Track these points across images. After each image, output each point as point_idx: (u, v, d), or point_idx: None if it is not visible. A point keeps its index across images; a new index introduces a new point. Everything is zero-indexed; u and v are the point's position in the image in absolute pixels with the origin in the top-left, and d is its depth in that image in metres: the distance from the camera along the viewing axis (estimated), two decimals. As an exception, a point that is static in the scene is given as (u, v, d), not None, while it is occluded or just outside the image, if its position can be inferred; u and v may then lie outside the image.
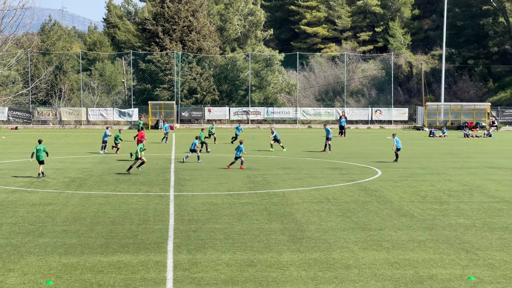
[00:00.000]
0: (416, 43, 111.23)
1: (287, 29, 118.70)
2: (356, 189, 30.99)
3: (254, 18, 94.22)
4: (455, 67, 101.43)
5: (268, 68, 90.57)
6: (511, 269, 17.38)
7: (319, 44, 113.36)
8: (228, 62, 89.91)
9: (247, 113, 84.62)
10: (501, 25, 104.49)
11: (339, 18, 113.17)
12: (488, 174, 36.54)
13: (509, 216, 24.56)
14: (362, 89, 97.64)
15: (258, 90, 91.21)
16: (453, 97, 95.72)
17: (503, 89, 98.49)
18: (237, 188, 30.96)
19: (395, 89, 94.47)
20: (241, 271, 17.07)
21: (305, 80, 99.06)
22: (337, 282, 16.19)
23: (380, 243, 20.08)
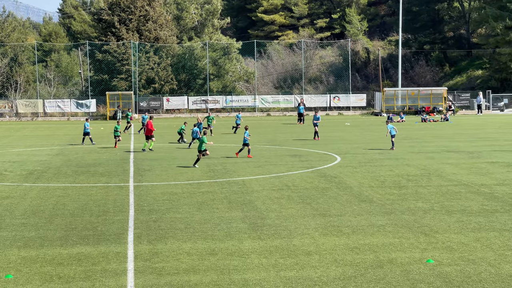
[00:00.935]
0: (372, 29, 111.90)
1: (244, 17, 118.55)
2: (315, 175, 31.11)
3: (211, 7, 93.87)
4: (411, 52, 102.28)
5: (226, 57, 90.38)
6: (469, 251, 17.61)
7: (277, 32, 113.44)
8: (186, 51, 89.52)
9: (206, 102, 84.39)
10: (456, 10, 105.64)
11: (296, 5, 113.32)
12: (445, 158, 36.95)
13: (466, 199, 24.87)
14: (320, 76, 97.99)
15: (216, 78, 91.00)
16: (410, 82, 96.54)
17: (459, 74, 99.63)
18: (197, 177, 30.89)
19: (353, 75, 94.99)
20: (202, 260, 17.04)
21: (263, 68, 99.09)
22: (298, 269, 16.25)
23: (340, 229, 20.19)
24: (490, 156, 37.44)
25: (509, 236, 19.06)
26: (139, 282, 15.30)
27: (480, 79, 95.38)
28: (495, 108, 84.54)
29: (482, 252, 17.47)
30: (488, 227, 20.20)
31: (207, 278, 15.58)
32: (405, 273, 15.78)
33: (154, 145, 43.10)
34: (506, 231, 19.71)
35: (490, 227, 20.19)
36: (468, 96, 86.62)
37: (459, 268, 16.13)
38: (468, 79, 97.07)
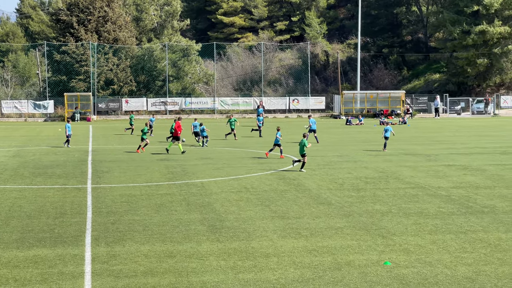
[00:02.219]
0: (332, 32, 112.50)
1: (204, 19, 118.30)
2: (274, 178, 31.16)
3: (171, 8, 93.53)
4: (370, 55, 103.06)
5: (185, 59, 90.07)
6: (425, 253, 17.78)
7: (236, 34, 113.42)
8: (145, 52, 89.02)
9: (165, 104, 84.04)
10: (414, 14, 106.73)
11: (255, 8, 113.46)
12: (403, 161, 37.27)
13: (423, 201, 25.11)
14: (280, 79, 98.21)
15: (175, 80, 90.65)
16: (369, 85, 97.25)
17: (417, 77, 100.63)
18: (156, 179, 30.74)
19: (312, 78, 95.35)
20: (160, 262, 16.95)
21: (222, 70, 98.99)
22: (256, 271, 16.25)
23: (298, 231, 20.24)
24: (447, 159, 37.85)
25: (465, 239, 19.29)
26: (97, 285, 15.16)
27: (437, 82, 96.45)
28: (452, 112, 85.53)
29: (439, 254, 17.64)
30: (444, 230, 20.41)
31: (165, 281, 15.49)
32: (363, 275, 15.87)
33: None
34: (462, 233, 19.94)
35: (446, 230, 20.40)
36: (426, 99, 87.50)
37: (416, 270, 16.26)
38: (426, 83, 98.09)
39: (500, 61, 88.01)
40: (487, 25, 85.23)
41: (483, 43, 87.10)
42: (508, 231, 20.16)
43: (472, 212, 22.98)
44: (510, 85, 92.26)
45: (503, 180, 30.11)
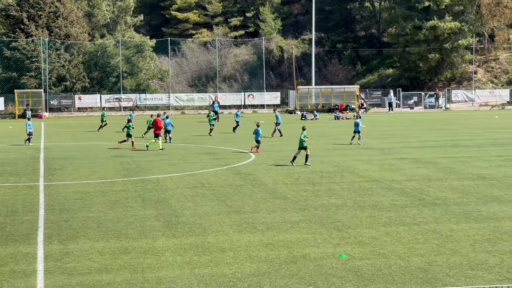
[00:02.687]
0: (286, 28, 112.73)
1: (157, 15, 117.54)
2: (230, 173, 31.15)
3: (123, 4, 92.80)
4: (324, 51, 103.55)
5: (139, 55, 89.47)
6: (380, 245, 17.93)
7: (191, 30, 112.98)
8: (98, 48, 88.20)
9: (119, 100, 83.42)
10: (367, 9, 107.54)
11: (209, 4, 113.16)
12: (358, 155, 37.55)
13: (378, 194, 25.33)
14: (235, 74, 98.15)
15: (129, 76, 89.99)
16: (324, 80, 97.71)
17: (370, 72, 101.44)
18: (110, 176, 30.50)
19: (267, 73, 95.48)
20: (115, 259, 16.82)
21: (177, 66, 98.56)
22: (212, 266, 16.22)
23: (254, 226, 20.26)
24: (400, 153, 38.24)
25: (418, 230, 19.50)
26: (49, 283, 14.97)
27: (391, 77, 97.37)
28: (405, 106, 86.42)
29: (392, 246, 17.81)
30: (398, 222, 20.61)
31: (120, 277, 15.37)
32: (318, 268, 15.95)
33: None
34: (415, 225, 20.16)
35: (400, 222, 20.61)
36: (380, 94, 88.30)
37: (370, 262, 16.40)
38: (380, 78, 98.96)
39: (451, 56, 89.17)
40: (438, 21, 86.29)
41: (434, 38, 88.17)
42: (459, 222, 20.44)
43: (425, 204, 23.25)
44: (461, 80, 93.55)
45: (454, 173, 30.52)
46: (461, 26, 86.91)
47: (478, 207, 22.66)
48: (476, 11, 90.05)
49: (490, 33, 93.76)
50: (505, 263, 16.19)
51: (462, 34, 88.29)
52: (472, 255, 16.87)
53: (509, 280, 14.92)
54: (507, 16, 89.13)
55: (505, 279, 15.00)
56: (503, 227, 19.81)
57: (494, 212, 21.82)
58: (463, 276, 15.30)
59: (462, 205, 23.12)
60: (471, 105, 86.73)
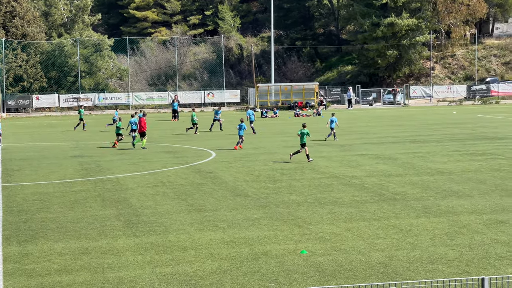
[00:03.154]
0: (245, 26, 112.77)
1: (116, 14, 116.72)
2: (191, 171, 31.08)
3: (81, 3, 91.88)
4: (284, 48, 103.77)
5: (97, 54, 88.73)
6: (340, 241, 18.04)
7: (149, 29, 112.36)
8: (55, 48, 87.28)
9: (78, 100, 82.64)
10: (326, 7, 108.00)
11: (168, 2, 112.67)
12: (318, 152, 37.70)
13: (338, 190, 25.47)
14: (194, 73, 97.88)
15: (88, 76, 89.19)
16: (283, 77, 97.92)
17: (329, 69, 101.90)
18: (69, 176, 30.22)
19: (227, 71, 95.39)
20: (75, 259, 16.68)
21: (136, 65, 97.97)
22: (174, 264, 16.17)
23: (215, 224, 20.24)
24: (360, 149, 38.50)
25: (378, 225, 19.66)
26: (9, 285, 14.79)
27: (350, 74, 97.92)
28: (365, 103, 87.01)
29: (353, 241, 17.93)
30: (358, 217, 20.76)
31: (80, 278, 15.25)
32: (280, 265, 15.99)
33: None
34: (376, 220, 20.32)
35: (360, 217, 20.76)
36: (339, 91, 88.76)
37: (332, 258, 16.49)
38: (339, 74, 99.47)
39: (409, 53, 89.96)
40: (396, 18, 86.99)
41: (392, 35, 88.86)
42: (419, 217, 20.66)
43: (385, 200, 23.45)
44: (419, 76, 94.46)
45: (414, 168, 30.83)
46: (418, 23, 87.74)
47: (437, 202, 22.92)
48: (433, 8, 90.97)
49: (447, 29, 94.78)
50: (464, 257, 16.40)
51: (419, 31, 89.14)
52: (431, 249, 17.06)
53: (468, 274, 15.12)
54: (463, 13, 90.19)
55: (464, 272, 15.19)
56: (462, 221, 20.06)
57: (453, 206, 22.09)
58: (423, 270, 15.47)
59: (421, 200, 23.36)
60: (429, 101, 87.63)
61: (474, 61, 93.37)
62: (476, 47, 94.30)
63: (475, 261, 16.07)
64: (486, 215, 20.80)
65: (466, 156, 34.61)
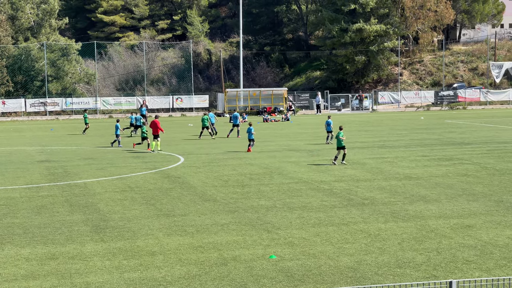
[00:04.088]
0: (214, 31, 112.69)
1: (83, 18, 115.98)
2: (159, 176, 30.94)
3: (48, 7, 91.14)
4: (252, 53, 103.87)
5: (64, 58, 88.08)
6: (309, 245, 18.06)
7: (117, 33, 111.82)
8: (22, 52, 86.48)
9: (45, 104, 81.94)
10: (294, 12, 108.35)
11: (136, 7, 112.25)
12: (287, 157, 37.75)
13: (307, 195, 25.51)
14: (163, 78, 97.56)
15: (55, 80, 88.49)
16: (252, 83, 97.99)
17: (298, 75, 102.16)
18: (36, 181, 29.92)
19: (195, 76, 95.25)
20: (42, 265, 16.50)
21: (104, 70, 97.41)
22: (142, 270, 16.07)
23: (184, 228, 20.17)
24: (328, 154, 38.59)
25: (346, 230, 19.72)
26: (-26, 291, 14.60)
27: (318, 79, 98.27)
28: (333, 108, 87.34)
29: (322, 246, 17.96)
30: (327, 222, 20.80)
31: (47, 283, 15.09)
32: (249, 269, 15.97)
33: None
34: (344, 225, 20.38)
35: (329, 222, 20.80)
36: (308, 96, 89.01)
37: (301, 263, 16.49)
38: (307, 80, 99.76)
39: (377, 58, 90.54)
40: (364, 23, 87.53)
41: (361, 41, 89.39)
42: (387, 222, 20.76)
43: (353, 204, 23.53)
44: (387, 81, 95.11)
45: (382, 173, 30.99)
46: (386, 29, 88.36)
47: (405, 206, 23.06)
48: (401, 14, 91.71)
49: (415, 35, 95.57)
50: (431, 261, 16.50)
51: (388, 37, 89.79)
52: (399, 254, 17.15)
53: (435, 277, 15.21)
54: (430, 19, 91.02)
55: (431, 276, 15.29)
56: (429, 225, 20.19)
57: (421, 211, 22.24)
58: (391, 274, 15.54)
59: (390, 204, 23.48)
60: (397, 107, 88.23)
61: (442, 67, 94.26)
62: (444, 53, 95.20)
63: (443, 265, 16.18)
64: (454, 219, 20.97)
65: (434, 161, 34.88)
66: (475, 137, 47.56)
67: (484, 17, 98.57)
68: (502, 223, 20.37)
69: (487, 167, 32.23)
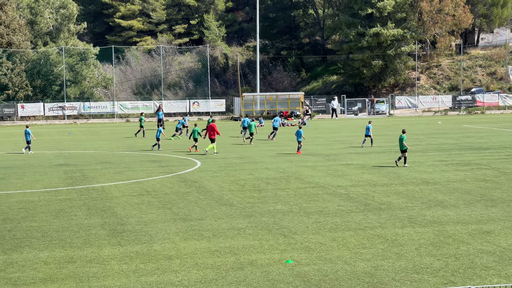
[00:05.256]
0: (231, 35, 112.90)
1: (101, 23, 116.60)
2: (176, 180, 31.02)
3: (66, 11, 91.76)
4: (269, 58, 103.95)
5: (83, 62, 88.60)
6: (326, 250, 18.04)
7: (135, 38, 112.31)
8: (41, 56, 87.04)
9: (63, 109, 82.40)
10: (311, 16, 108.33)
11: (153, 11, 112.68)
12: (303, 161, 37.74)
13: (323, 200, 25.48)
14: (180, 82, 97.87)
15: (73, 84, 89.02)
16: (269, 87, 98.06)
17: (315, 79, 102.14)
18: (55, 185, 30.09)
19: (212, 80, 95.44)
20: (60, 268, 16.60)
21: (121, 74, 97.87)
22: (159, 274, 16.12)
23: (201, 233, 20.20)
24: (345, 159, 38.55)
25: (363, 235, 19.68)
26: (-7, 294, 14.71)
27: (335, 84, 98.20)
28: (350, 112, 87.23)
29: (339, 251, 17.94)
30: (344, 227, 20.77)
31: (65, 287, 15.17)
32: (265, 274, 15.98)
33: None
34: (361, 230, 20.35)
35: (346, 227, 20.77)
36: (324, 100, 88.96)
37: (317, 267, 16.48)
38: (324, 84, 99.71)
39: (394, 62, 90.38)
40: (381, 28, 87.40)
41: (378, 45, 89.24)
42: (404, 227, 20.70)
43: (370, 209, 23.49)
44: (404, 86, 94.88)
45: (399, 178, 30.90)
46: (404, 33, 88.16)
47: (423, 212, 22.98)
48: (418, 18, 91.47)
49: (432, 40, 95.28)
50: (449, 267, 16.44)
51: (405, 41, 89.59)
52: (417, 259, 17.09)
53: (453, 284, 15.15)
54: (448, 23, 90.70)
55: (449, 282, 15.23)
56: (447, 231, 20.12)
57: (438, 216, 22.16)
58: (409, 280, 15.49)
59: (407, 209, 23.41)
60: (414, 111, 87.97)
61: (460, 71, 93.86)
62: (462, 57, 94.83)
63: (461, 271, 16.12)
64: (472, 225, 20.87)
65: (452, 166, 34.74)
66: (493, 142, 47.32)
67: (502, 21, 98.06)
68: (520, 229, 20.26)
69: (506, 173, 32.07)
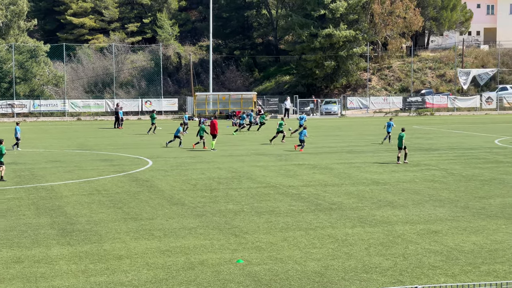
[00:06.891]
0: (184, 34, 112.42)
1: (52, 20, 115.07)
2: (127, 180, 30.81)
3: (16, 8, 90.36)
4: (222, 57, 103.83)
5: (33, 60, 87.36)
6: (277, 250, 18.10)
7: (87, 35, 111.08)
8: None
9: (12, 106, 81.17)
10: (265, 17, 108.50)
11: (106, 9, 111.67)
12: (255, 161, 37.79)
13: (275, 200, 25.55)
14: (132, 80, 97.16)
15: (23, 82, 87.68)
16: (222, 87, 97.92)
17: (268, 79, 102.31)
18: (2, 184, 29.63)
19: (165, 80, 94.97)
20: (7, 268, 16.36)
21: (73, 72, 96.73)
22: (109, 274, 15.99)
23: (151, 232, 20.10)
24: (297, 159, 38.71)
25: (314, 235, 19.79)
26: None
27: (287, 84, 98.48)
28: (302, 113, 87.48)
29: (290, 251, 18.01)
30: (295, 227, 20.86)
31: (12, 287, 14.95)
32: (216, 274, 15.96)
33: None
34: (312, 230, 20.45)
35: (297, 227, 20.86)
36: (277, 100, 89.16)
37: (268, 267, 16.52)
38: (277, 84, 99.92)
39: (346, 63, 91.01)
40: (334, 29, 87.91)
41: (330, 46, 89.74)
42: (354, 227, 20.87)
43: (321, 209, 23.62)
44: (356, 87, 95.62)
45: (350, 178, 31.15)
46: (356, 35, 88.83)
47: (373, 212, 23.20)
48: (370, 20, 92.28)
49: (384, 41, 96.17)
50: (398, 266, 16.62)
51: (357, 42, 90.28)
52: (366, 259, 17.25)
53: (402, 283, 15.33)
54: (399, 25, 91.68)
55: (398, 282, 15.40)
56: (396, 230, 20.34)
57: (388, 216, 22.39)
58: (358, 279, 15.62)
59: (357, 209, 23.61)
60: (365, 112, 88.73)
61: (410, 73, 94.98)
62: (412, 59, 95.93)
63: (409, 270, 16.31)
64: (420, 225, 21.14)
65: (401, 166, 35.12)
66: (442, 143, 47.99)
67: (452, 25, 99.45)
68: (467, 229, 20.58)
69: (454, 173, 32.55)
